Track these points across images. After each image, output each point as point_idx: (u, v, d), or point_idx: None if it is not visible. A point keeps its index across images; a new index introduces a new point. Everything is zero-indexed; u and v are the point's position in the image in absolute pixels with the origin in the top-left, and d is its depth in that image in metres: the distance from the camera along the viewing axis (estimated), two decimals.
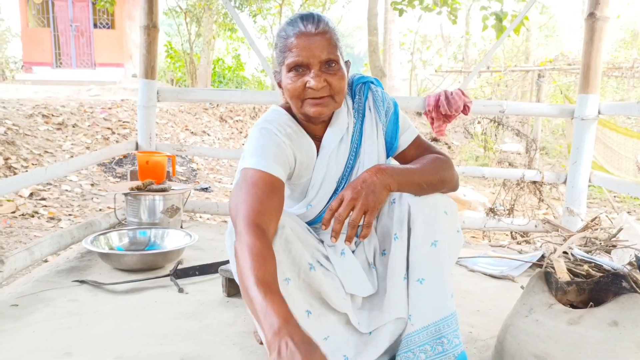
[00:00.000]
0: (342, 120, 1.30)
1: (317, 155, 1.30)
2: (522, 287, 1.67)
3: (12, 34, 14.36)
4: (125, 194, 2.37)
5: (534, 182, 2.94)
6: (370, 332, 1.25)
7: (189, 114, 8.88)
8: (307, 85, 1.16)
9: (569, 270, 2.13)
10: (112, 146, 2.60)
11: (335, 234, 1.11)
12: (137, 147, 2.81)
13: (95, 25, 12.77)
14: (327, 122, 1.30)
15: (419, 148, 1.34)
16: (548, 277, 1.33)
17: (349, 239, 1.12)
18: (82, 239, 2.22)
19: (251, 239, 0.98)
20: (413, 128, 1.37)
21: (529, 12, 2.94)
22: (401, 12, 5.79)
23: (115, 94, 10.15)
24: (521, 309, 1.30)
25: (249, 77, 15.58)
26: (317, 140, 1.31)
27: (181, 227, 2.67)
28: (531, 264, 2.30)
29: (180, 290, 1.86)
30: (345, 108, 1.31)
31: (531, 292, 1.32)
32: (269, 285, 0.89)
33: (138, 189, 2.35)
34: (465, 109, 2.84)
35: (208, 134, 8.54)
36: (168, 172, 2.71)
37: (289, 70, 1.18)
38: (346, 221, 1.12)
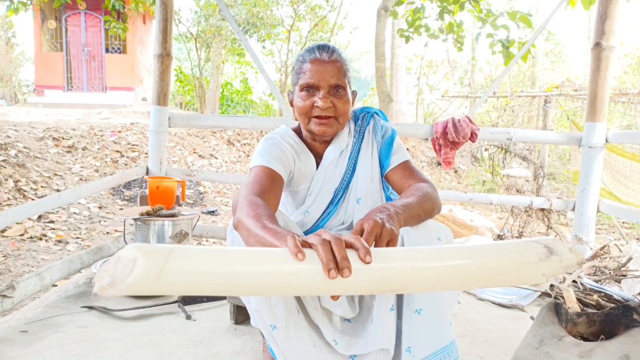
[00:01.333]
0: (343, 139, 1.45)
1: (317, 168, 1.43)
2: (531, 318, 1.66)
3: (25, 58, 14.65)
4: (135, 219, 2.39)
5: (542, 209, 2.93)
6: (352, 358, 1.25)
7: (197, 137, 8.96)
8: (315, 104, 1.32)
9: (579, 299, 2.11)
10: (123, 171, 2.63)
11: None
12: (147, 172, 2.84)
13: (107, 50, 13.02)
14: (329, 143, 1.44)
15: (407, 170, 1.42)
16: (558, 309, 1.33)
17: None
18: (91, 264, 2.24)
19: (250, 201, 1.10)
20: (406, 153, 1.47)
21: (536, 39, 2.98)
22: (407, 39, 5.86)
23: (126, 117, 10.30)
24: (531, 341, 1.29)
25: (256, 101, 15.75)
26: (319, 157, 1.44)
27: None
28: (540, 292, 2.28)
29: (188, 317, 1.86)
30: (347, 130, 1.47)
31: (541, 323, 1.31)
32: (269, 218, 1.01)
33: (148, 214, 2.37)
34: (473, 136, 2.87)
35: (215, 157, 8.61)
36: (177, 196, 2.73)
37: (301, 90, 1.34)
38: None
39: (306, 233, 1.44)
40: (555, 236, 3.38)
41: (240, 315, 1.83)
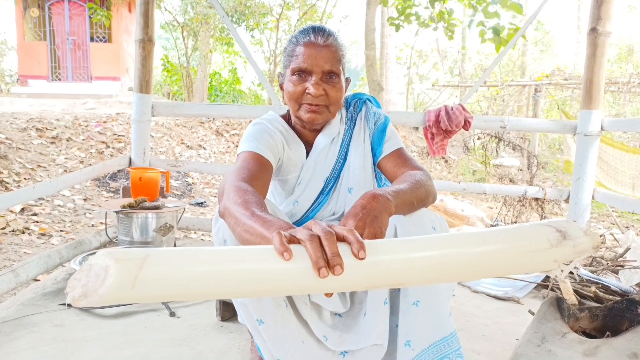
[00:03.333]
0: (334, 127, 1.38)
1: (307, 157, 1.37)
2: (530, 312, 1.60)
3: (8, 47, 14.30)
4: (117, 212, 2.29)
5: (536, 199, 2.87)
6: (343, 354, 1.18)
7: (185, 128, 8.82)
8: (307, 91, 1.25)
9: (576, 291, 2.06)
10: (104, 162, 2.53)
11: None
12: (130, 163, 2.73)
13: (92, 39, 12.74)
14: (319, 131, 1.37)
15: (400, 158, 1.35)
16: (560, 304, 1.26)
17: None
18: (71, 258, 2.14)
19: (238, 187, 1.04)
20: (399, 141, 1.40)
21: (527, 28, 2.91)
22: (398, 27, 5.77)
23: (111, 107, 10.10)
24: (533, 338, 1.22)
25: (245, 91, 15.57)
26: (308, 146, 1.38)
27: (174, 245, 2.59)
28: (536, 284, 2.23)
29: (172, 314, 1.77)
30: (339, 117, 1.40)
31: (542, 319, 1.25)
32: (258, 205, 0.95)
33: (130, 206, 2.27)
34: (466, 124, 2.79)
35: (204, 148, 8.48)
36: (162, 188, 2.64)
37: (293, 74, 1.27)
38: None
39: (295, 224, 1.38)
40: None
41: (227, 311, 1.75)
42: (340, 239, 0.79)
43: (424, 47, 16.09)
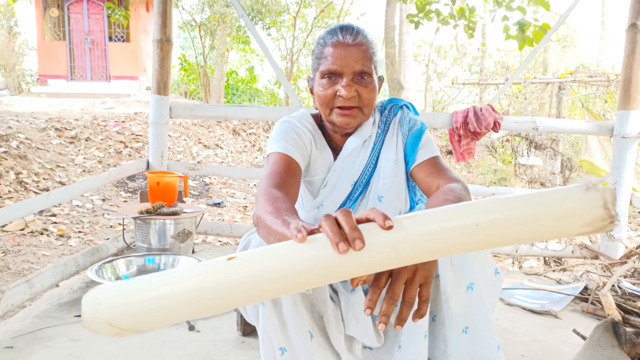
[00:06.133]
0: (367, 129, 1.30)
1: (335, 160, 1.30)
2: (575, 332, 1.48)
3: (28, 47, 14.45)
4: (135, 218, 2.22)
5: None
6: None
7: (202, 127, 8.80)
8: (338, 93, 1.18)
9: (618, 306, 1.93)
10: (121, 166, 2.47)
11: (372, 304, 0.78)
12: (148, 166, 2.67)
13: (110, 39, 12.80)
14: (350, 135, 1.30)
15: (435, 167, 1.24)
16: (617, 329, 1.15)
17: (400, 322, 0.79)
18: (87, 266, 2.08)
19: (269, 194, 0.99)
20: (435, 149, 1.29)
21: (548, 23, 2.77)
22: (417, 24, 5.63)
23: (130, 106, 10.13)
24: None
25: (262, 90, 15.53)
26: (337, 151, 1.31)
27: (193, 251, 2.52)
28: (573, 297, 2.10)
29: (191, 328, 1.69)
30: (372, 120, 1.32)
31: (597, 346, 1.13)
32: (289, 212, 0.89)
33: (148, 212, 2.20)
34: (496, 126, 2.67)
35: (221, 147, 8.44)
36: (180, 192, 2.56)
37: (322, 77, 1.20)
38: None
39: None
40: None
41: (248, 326, 1.66)
42: (362, 221, 0.71)
43: (443, 44, 15.85)
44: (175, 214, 2.25)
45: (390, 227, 0.67)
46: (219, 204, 6.06)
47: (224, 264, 0.68)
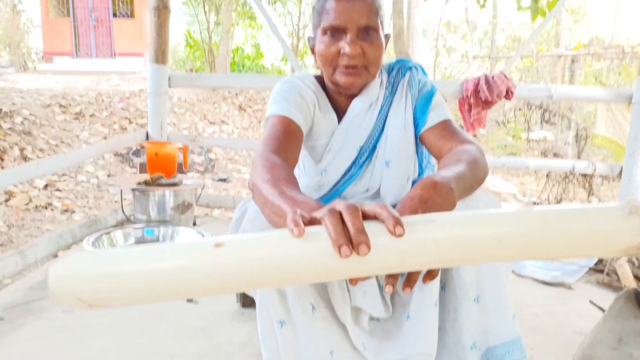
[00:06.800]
0: (373, 91, 1.20)
1: (339, 123, 1.20)
2: (592, 303, 1.41)
3: (33, 25, 14.32)
4: (133, 190, 2.16)
5: (584, 175, 2.63)
6: None
7: (208, 103, 8.70)
8: (342, 51, 1.08)
9: (636, 277, 1.85)
10: (120, 137, 2.40)
11: (393, 280, 0.69)
12: (147, 138, 2.59)
13: (114, 15, 12.63)
14: (355, 96, 1.20)
15: (447, 130, 1.14)
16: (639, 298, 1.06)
17: (410, 284, 0.72)
18: (84, 238, 2.02)
19: (267, 159, 0.92)
20: (447, 112, 1.19)
21: None
22: None
23: (135, 83, 10.03)
24: (606, 338, 1.03)
25: (268, 67, 15.34)
26: (342, 114, 1.21)
27: (194, 224, 2.45)
28: (588, 268, 2.02)
29: (189, 300, 1.64)
30: (379, 81, 1.21)
31: (618, 317, 1.05)
32: (287, 182, 0.82)
33: (146, 183, 2.13)
34: (509, 94, 2.55)
35: (227, 124, 8.36)
36: (180, 164, 2.49)
37: (324, 34, 1.10)
38: None
39: (322, 199, 1.21)
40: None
41: (248, 297, 1.60)
42: (371, 216, 0.63)
43: (452, 19, 15.50)
44: (174, 185, 2.18)
45: (400, 235, 0.60)
46: (224, 179, 6.01)
47: (211, 250, 0.60)
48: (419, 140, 1.21)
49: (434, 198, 0.76)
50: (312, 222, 0.64)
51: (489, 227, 0.61)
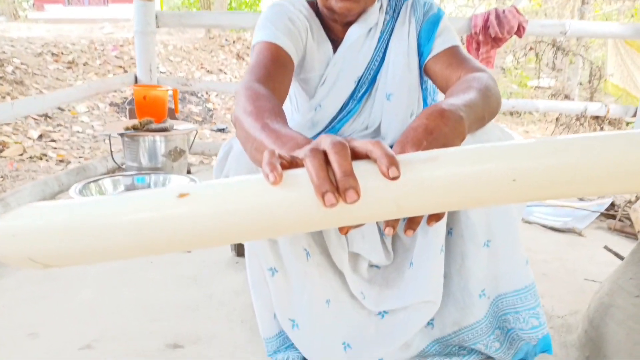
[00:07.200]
0: (372, 16, 1.07)
1: (335, 53, 1.08)
2: (607, 248, 1.32)
3: None
4: (121, 135, 2.05)
5: (596, 118, 2.50)
6: (381, 315, 0.95)
7: (204, 52, 8.44)
8: None
9: None
10: (106, 79, 2.26)
11: (394, 222, 0.59)
12: (136, 81, 2.45)
13: None
14: (352, 23, 1.07)
15: (455, 57, 1.02)
16: None
17: (412, 226, 0.61)
18: (72, 186, 1.93)
19: (251, 89, 0.81)
20: (455, 37, 1.06)
21: None
22: None
23: (129, 31, 9.72)
24: (626, 285, 0.95)
25: None
26: (337, 43, 1.09)
27: (188, 172, 2.36)
28: (599, 213, 1.93)
29: None
30: (379, 4, 1.08)
31: None
32: (272, 114, 0.72)
33: (134, 128, 2.02)
34: (520, 30, 2.39)
35: (225, 72, 8.14)
36: (171, 110, 2.37)
37: None
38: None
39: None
40: None
41: (242, 246, 1.52)
42: (362, 155, 0.52)
43: None
44: (164, 130, 2.06)
45: (395, 178, 0.48)
46: (223, 129, 5.89)
47: (173, 201, 0.50)
48: (423, 70, 1.08)
49: (440, 127, 0.65)
50: (292, 163, 0.53)
51: (501, 162, 0.50)
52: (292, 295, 0.89)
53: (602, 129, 2.56)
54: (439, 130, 0.65)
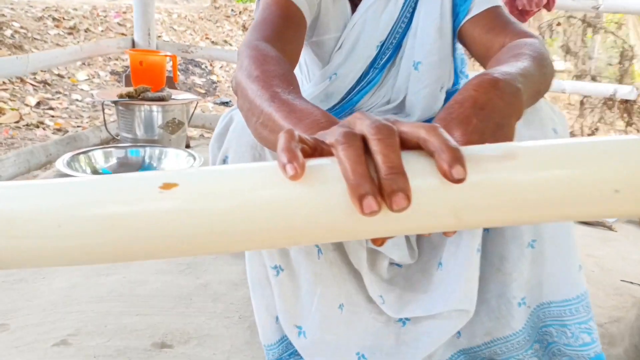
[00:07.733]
0: None
1: (354, 13, 0.91)
2: None
3: None
4: (114, 102, 1.90)
5: (625, 101, 2.33)
6: (403, 322, 0.81)
7: (210, 22, 8.24)
8: None
9: None
10: (100, 41, 2.10)
11: None
12: (133, 46, 2.29)
13: None
14: None
15: (498, 19, 0.84)
16: None
17: None
18: (61, 155, 1.79)
19: (256, 49, 0.67)
20: None
21: None
22: None
23: None
24: None
25: None
26: (357, 2, 0.91)
27: (187, 146, 2.21)
28: None
29: None
30: None
31: None
32: (283, 80, 0.59)
33: (129, 96, 1.87)
34: (549, 4, 2.19)
35: (230, 44, 7.94)
36: (170, 78, 2.21)
37: None
38: None
39: (335, 113, 0.94)
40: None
41: None
42: (411, 144, 0.37)
43: None
44: (162, 99, 1.91)
45: (460, 180, 0.33)
46: (226, 102, 5.73)
47: (154, 194, 0.35)
48: (458, 35, 0.92)
49: (493, 101, 0.50)
50: (316, 149, 0.38)
51: (602, 166, 0.35)
52: (299, 299, 0.75)
53: (630, 114, 2.40)
54: (491, 105, 0.50)
